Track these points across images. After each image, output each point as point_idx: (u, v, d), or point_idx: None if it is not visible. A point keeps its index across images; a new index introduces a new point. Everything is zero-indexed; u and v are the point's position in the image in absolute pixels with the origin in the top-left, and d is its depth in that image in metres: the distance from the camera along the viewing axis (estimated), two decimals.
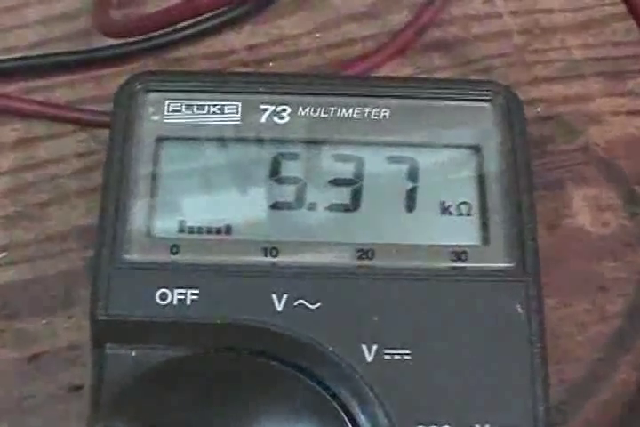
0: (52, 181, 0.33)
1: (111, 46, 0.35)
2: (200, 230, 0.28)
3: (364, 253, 0.27)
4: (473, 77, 0.36)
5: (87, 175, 0.33)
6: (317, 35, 0.37)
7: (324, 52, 0.36)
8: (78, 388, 0.30)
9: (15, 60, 0.35)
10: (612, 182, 0.34)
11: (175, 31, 0.35)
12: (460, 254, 0.27)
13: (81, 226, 0.32)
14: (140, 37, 0.35)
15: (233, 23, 0.36)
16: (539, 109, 0.35)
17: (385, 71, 0.35)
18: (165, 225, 0.27)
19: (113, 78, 0.35)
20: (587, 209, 0.34)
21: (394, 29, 0.36)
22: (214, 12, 0.35)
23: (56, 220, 0.33)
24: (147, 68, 0.35)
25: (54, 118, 0.34)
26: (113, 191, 0.27)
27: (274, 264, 0.27)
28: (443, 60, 0.36)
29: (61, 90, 0.35)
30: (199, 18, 0.35)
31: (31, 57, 0.35)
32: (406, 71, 0.36)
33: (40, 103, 0.34)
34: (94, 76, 0.35)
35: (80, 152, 0.34)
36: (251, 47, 0.36)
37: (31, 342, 0.31)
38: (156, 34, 0.35)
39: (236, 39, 0.36)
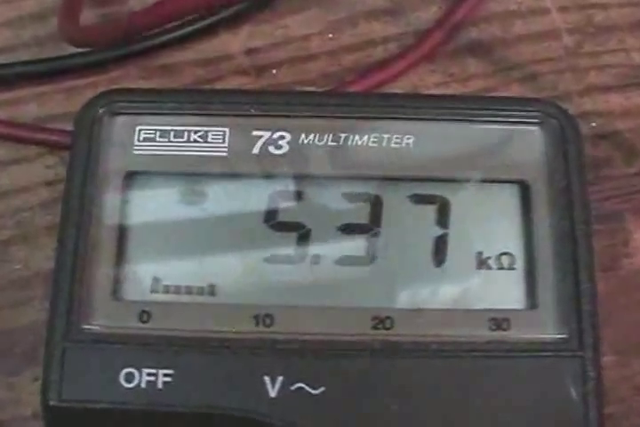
0: (15, 215, 0.30)
1: (86, 52, 0.32)
2: (177, 291, 0.25)
3: (381, 321, 0.25)
4: (515, 87, 0.32)
5: (56, 208, 0.29)
6: (329, 35, 0.33)
7: (337, 57, 0.33)
8: None
9: None
10: None
11: (161, 33, 0.32)
12: (500, 322, 0.25)
13: (47, 269, 0.29)
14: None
15: (229, 22, 0.33)
16: (593, 125, 0.32)
17: (410, 79, 0.32)
18: (135, 284, 0.25)
19: (88, 90, 0.32)
20: None
21: (420, 29, 0.33)
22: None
23: (19, 262, 0.30)
24: (129, 77, 0.32)
25: (18, 140, 0.31)
26: (70, 242, 0.25)
27: (267, 336, 0.24)
28: (479, 67, 0.33)
29: (28, 105, 0.32)
30: (189, 17, 0.32)
31: None
32: (435, 79, 0.32)
33: (1, 122, 0.31)
34: (66, 87, 0.32)
35: (48, 180, 0.31)
36: (250, 51, 0.33)
37: None
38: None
39: (232, 42, 0.33)
